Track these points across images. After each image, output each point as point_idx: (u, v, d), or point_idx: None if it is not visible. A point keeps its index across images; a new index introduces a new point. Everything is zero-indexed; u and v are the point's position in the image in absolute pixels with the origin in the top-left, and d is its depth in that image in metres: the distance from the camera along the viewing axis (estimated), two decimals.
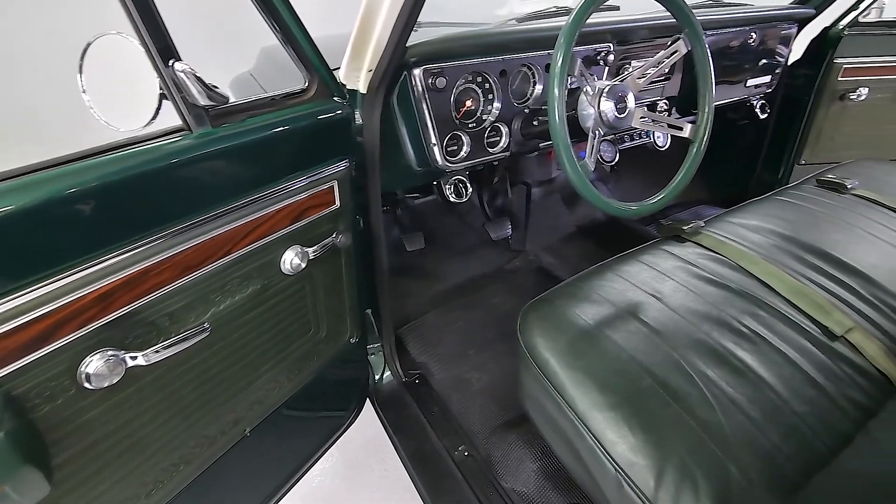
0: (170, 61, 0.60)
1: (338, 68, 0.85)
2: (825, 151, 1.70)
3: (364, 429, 1.15)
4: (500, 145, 1.06)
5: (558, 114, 0.78)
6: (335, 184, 0.85)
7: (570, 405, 0.73)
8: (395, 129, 0.96)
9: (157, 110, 0.63)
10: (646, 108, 0.91)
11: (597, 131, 0.88)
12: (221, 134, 0.67)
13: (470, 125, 1.01)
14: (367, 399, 1.19)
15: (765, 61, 1.49)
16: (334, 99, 0.83)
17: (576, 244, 1.80)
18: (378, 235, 1.00)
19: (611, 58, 1.11)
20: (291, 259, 0.80)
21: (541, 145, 1.11)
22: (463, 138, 1.00)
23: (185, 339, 0.65)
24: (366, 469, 1.30)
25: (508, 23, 1.26)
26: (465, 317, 1.44)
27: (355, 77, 0.85)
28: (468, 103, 0.99)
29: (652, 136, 1.31)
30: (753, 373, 0.74)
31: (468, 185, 1.07)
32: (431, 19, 1.28)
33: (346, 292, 0.97)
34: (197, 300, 0.70)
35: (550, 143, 0.83)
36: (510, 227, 1.66)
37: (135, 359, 0.61)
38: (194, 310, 0.70)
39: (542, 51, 1.05)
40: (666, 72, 1.26)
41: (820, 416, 0.70)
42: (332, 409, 1.11)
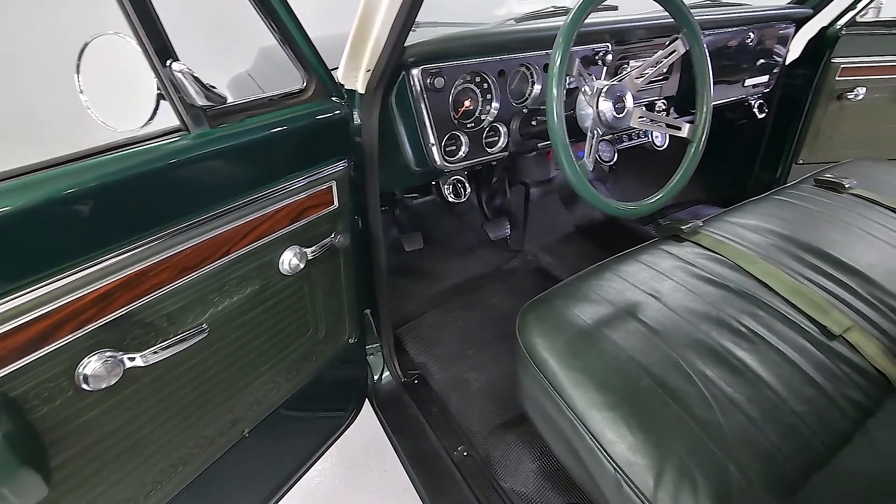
0: (167, 61, 0.60)
1: (336, 68, 0.85)
2: (823, 151, 1.70)
3: (363, 429, 1.15)
4: (499, 145, 1.06)
5: (557, 114, 0.78)
6: (333, 184, 0.84)
7: (568, 405, 0.73)
8: (394, 129, 0.96)
9: (154, 110, 0.62)
10: (644, 108, 0.91)
11: (595, 131, 0.88)
12: (219, 134, 0.67)
13: (468, 125, 1.01)
14: (366, 399, 1.19)
15: (763, 61, 1.49)
16: (332, 99, 0.83)
17: (574, 244, 1.80)
18: (377, 235, 1.00)
19: (609, 58, 1.12)
20: (290, 259, 0.80)
21: (539, 145, 1.11)
22: (461, 138, 1.00)
23: (183, 339, 0.65)
24: (365, 469, 1.30)
25: (507, 23, 1.26)
26: (463, 317, 1.44)
27: (353, 77, 0.85)
28: (467, 103, 0.99)
29: (650, 135, 1.31)
30: (752, 372, 0.74)
31: (467, 185, 1.07)
32: (430, 19, 1.28)
33: (345, 292, 0.97)
34: (195, 301, 0.69)
35: (549, 142, 0.83)
36: (509, 227, 1.67)
37: (133, 360, 0.61)
38: (192, 310, 0.70)
39: (541, 51, 1.05)
40: (664, 71, 1.26)
41: (818, 415, 0.70)
42: (330, 409, 1.11)
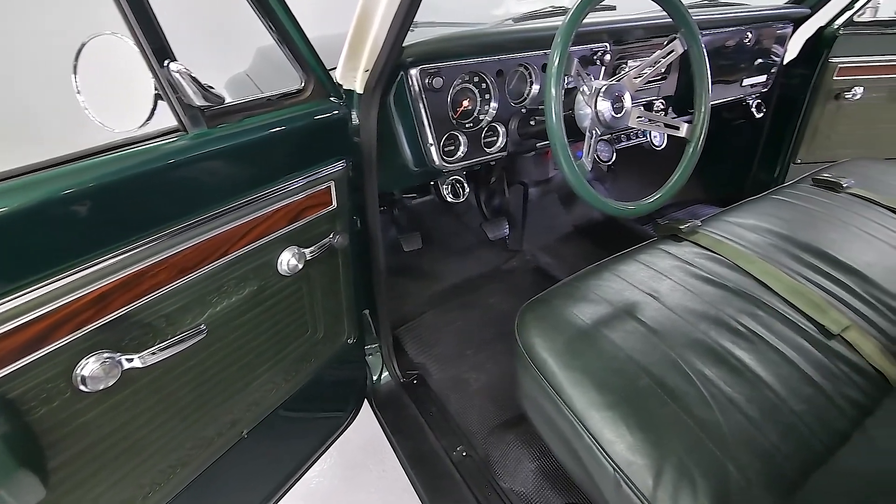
0: (165, 62, 0.60)
1: (334, 68, 0.85)
2: (821, 150, 1.71)
3: (362, 429, 1.15)
4: (497, 145, 1.06)
5: (555, 113, 0.78)
6: (332, 184, 0.84)
7: (567, 405, 0.73)
8: (392, 130, 0.96)
9: (152, 111, 0.62)
10: (642, 108, 0.91)
11: (594, 131, 0.88)
12: (217, 134, 0.67)
13: (467, 125, 1.01)
14: (365, 400, 1.19)
15: (760, 61, 1.49)
16: (331, 99, 0.83)
17: (573, 244, 1.80)
18: (375, 236, 1.00)
19: (607, 57, 1.12)
20: (288, 260, 0.80)
21: (538, 145, 1.11)
22: (460, 138, 1.00)
23: (181, 340, 0.65)
24: (364, 470, 1.30)
25: (505, 23, 1.26)
26: (462, 317, 1.44)
27: (352, 77, 0.84)
28: (465, 103, 0.99)
29: (648, 135, 1.31)
30: (751, 371, 0.75)
31: (465, 185, 1.07)
32: (428, 19, 1.28)
33: (344, 293, 0.97)
34: (193, 302, 0.69)
35: (547, 142, 0.82)
36: (507, 226, 1.67)
37: (131, 361, 0.61)
38: (191, 311, 0.69)
39: (539, 51, 1.05)
40: (662, 71, 1.26)
41: (817, 414, 0.70)
42: (329, 410, 1.11)
